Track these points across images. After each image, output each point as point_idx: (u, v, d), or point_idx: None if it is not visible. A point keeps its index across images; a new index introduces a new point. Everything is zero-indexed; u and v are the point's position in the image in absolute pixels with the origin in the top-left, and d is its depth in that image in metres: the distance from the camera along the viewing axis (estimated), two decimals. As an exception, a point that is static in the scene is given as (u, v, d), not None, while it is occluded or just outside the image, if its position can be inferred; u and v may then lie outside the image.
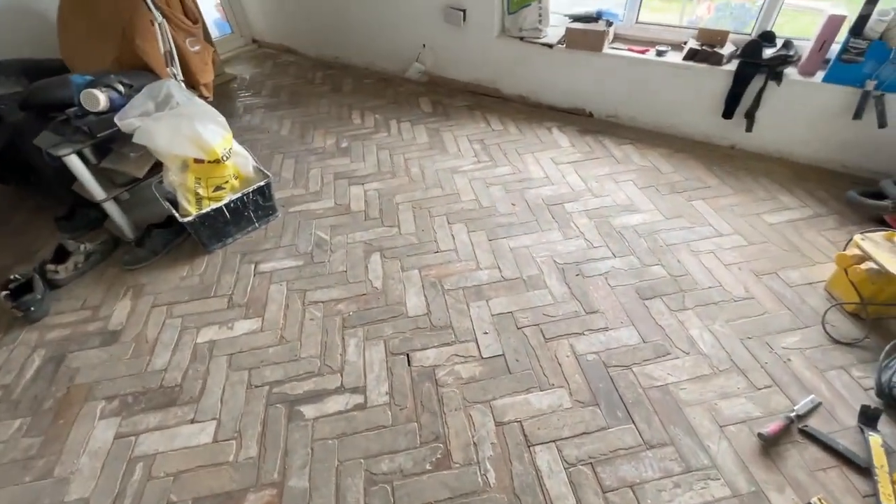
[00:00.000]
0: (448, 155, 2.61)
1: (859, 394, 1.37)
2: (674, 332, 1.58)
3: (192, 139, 1.91)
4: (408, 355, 1.59)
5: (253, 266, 2.00)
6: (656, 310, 1.66)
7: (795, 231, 1.93)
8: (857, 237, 1.53)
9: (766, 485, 1.20)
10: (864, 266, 1.45)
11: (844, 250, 1.58)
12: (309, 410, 1.46)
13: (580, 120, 2.81)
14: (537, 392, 1.45)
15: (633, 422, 1.36)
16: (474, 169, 2.48)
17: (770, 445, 1.27)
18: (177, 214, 1.96)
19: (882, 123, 1.95)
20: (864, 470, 1.20)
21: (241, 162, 2.15)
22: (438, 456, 1.32)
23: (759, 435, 1.28)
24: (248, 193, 2.08)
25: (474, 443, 1.34)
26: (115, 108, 1.87)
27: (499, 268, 1.89)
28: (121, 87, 1.94)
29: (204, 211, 1.98)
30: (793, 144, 2.28)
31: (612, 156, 2.48)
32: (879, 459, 1.19)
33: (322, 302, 1.81)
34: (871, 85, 1.94)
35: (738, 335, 1.56)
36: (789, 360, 1.47)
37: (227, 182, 2.07)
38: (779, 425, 1.27)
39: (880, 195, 1.93)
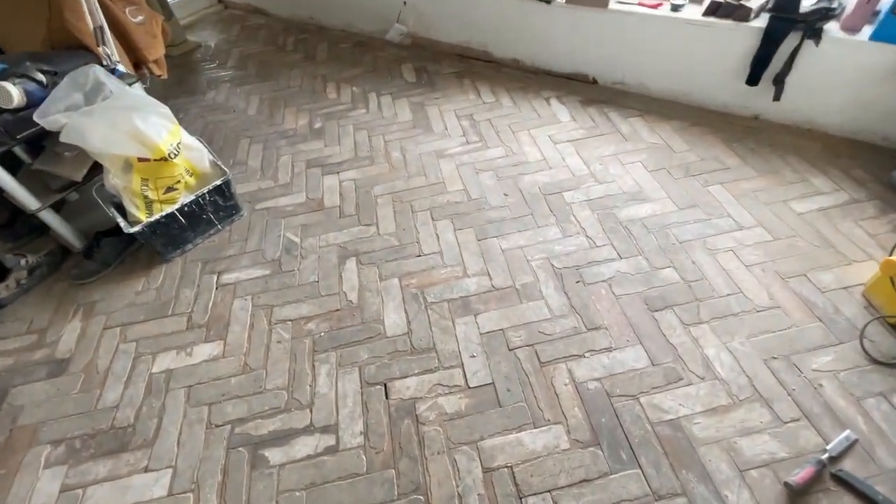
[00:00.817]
0: (433, 135, 2.33)
1: (902, 428, 1.19)
2: (687, 351, 1.39)
3: (131, 135, 1.64)
4: (385, 385, 1.41)
5: (215, 277, 1.79)
6: (667, 324, 1.46)
7: (828, 221, 1.69)
8: (909, 240, 1.29)
9: (793, 545, 1.04)
10: (916, 277, 1.23)
11: (892, 254, 1.34)
12: (275, 455, 1.30)
13: (582, 88, 2.48)
14: (531, 430, 1.28)
15: (640, 465, 1.19)
16: (462, 152, 2.20)
17: (798, 496, 1.10)
18: (123, 223, 1.73)
19: (938, 90, 1.65)
20: (909, 527, 1.03)
21: (194, 157, 1.89)
22: (418, 511, 1.17)
23: (786, 484, 1.11)
24: (205, 195, 1.84)
25: (459, 494, 1.18)
26: (34, 102, 1.60)
27: (489, 274, 1.67)
28: (41, 77, 1.65)
29: (155, 218, 1.74)
30: (827, 114, 1.98)
31: (618, 131, 2.19)
32: (928, 517, 1.02)
33: (291, 320, 1.62)
34: (929, 43, 1.62)
35: (761, 354, 1.36)
36: (821, 385, 1.28)
37: (179, 182, 1.82)
38: (809, 472, 1.10)
39: (928, 175, 1.67)
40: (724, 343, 1.40)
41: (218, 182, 1.86)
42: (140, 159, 1.70)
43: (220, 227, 1.97)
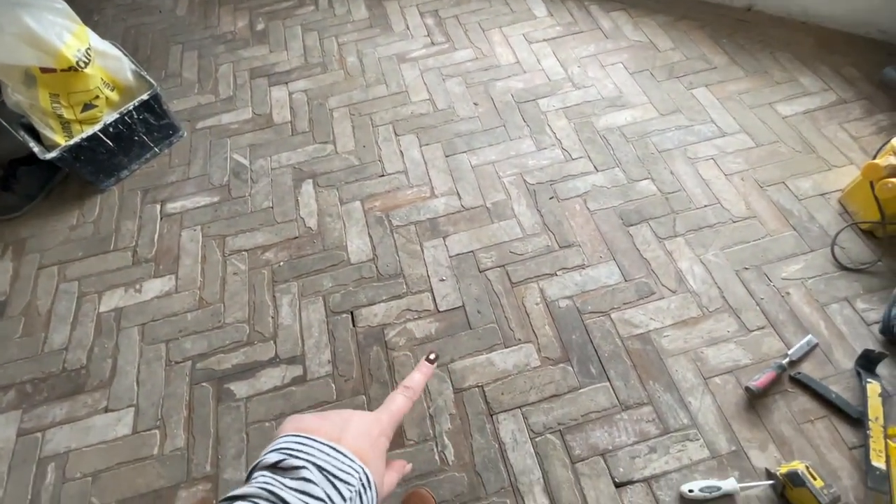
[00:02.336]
0: (393, 35, 2.05)
1: (862, 330, 1.22)
2: (660, 266, 1.36)
3: (23, 38, 1.37)
4: (352, 313, 1.35)
5: (158, 207, 1.63)
6: (642, 239, 1.41)
7: (813, 124, 1.60)
8: (895, 142, 1.23)
9: (747, 443, 1.10)
10: (898, 180, 1.18)
11: (876, 157, 1.28)
12: (240, 388, 1.26)
13: (561, -24, 2.18)
14: (501, 350, 1.26)
15: (609, 379, 1.20)
16: (427, 55, 1.96)
17: (757, 398, 1.14)
18: (38, 149, 1.50)
19: (949, -30, 1.49)
20: (856, 420, 1.09)
21: (112, 66, 1.62)
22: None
23: (747, 388, 1.14)
24: (131, 112, 1.60)
25: (430, 415, 1.19)
26: None
27: (458, 193, 1.56)
28: None
29: (75, 141, 1.52)
30: (824, 4, 1.80)
31: (599, 28, 1.97)
32: (875, 411, 1.07)
33: (246, 250, 1.50)
34: (950, -89, 1.42)
35: (734, 265, 1.34)
36: (788, 293, 1.29)
37: (98, 97, 1.57)
38: (769, 376, 1.13)
39: (921, 71, 1.56)
40: (698, 256, 1.37)
41: (145, 96, 1.61)
42: (43, 70, 1.44)
43: (157, 150, 1.75)
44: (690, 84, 1.75)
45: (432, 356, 0.46)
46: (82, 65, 1.47)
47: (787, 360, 1.16)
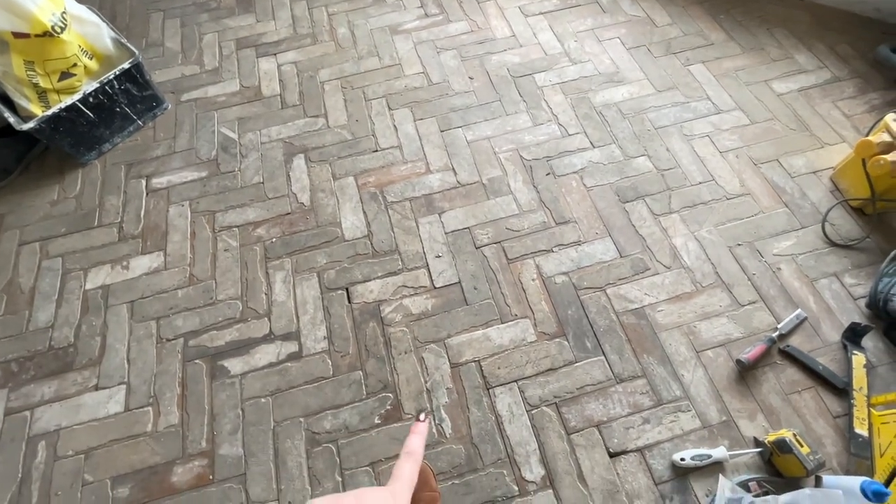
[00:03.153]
0: (385, 6, 1.98)
1: (849, 304, 1.25)
2: (656, 242, 1.36)
3: (-7, 1, 1.29)
4: (347, 290, 1.34)
5: (144, 182, 1.57)
6: (637, 215, 1.41)
7: (807, 102, 1.60)
8: (890, 118, 1.23)
9: (737, 413, 1.13)
10: (891, 157, 1.19)
11: (869, 134, 1.29)
12: (235, 365, 1.25)
13: (557, -53, 2.12)
14: (498, 325, 1.26)
15: (604, 353, 1.21)
16: (420, 27, 1.90)
17: (748, 370, 1.16)
18: (13, 119, 1.43)
19: (947, -54, 1.48)
20: (841, 391, 1.12)
21: (90, 33, 1.54)
22: (388, 407, 1.17)
23: (738, 361, 1.16)
24: (112, 81, 1.53)
25: (427, 389, 1.19)
26: None
27: (453, 169, 1.54)
28: None
29: (53, 111, 1.45)
30: (822, -21, 1.79)
31: (596, 1, 1.93)
32: (859, 381, 1.10)
33: (237, 226, 1.47)
34: None
35: (728, 242, 1.35)
36: (779, 268, 1.31)
37: (76, 65, 1.49)
38: (759, 349, 1.16)
39: (914, 50, 1.57)
40: (692, 232, 1.37)
41: (126, 65, 1.54)
42: (16, 35, 1.36)
43: (140, 122, 1.68)
44: (687, 60, 1.73)
45: (422, 416, 0.47)
46: (58, 30, 1.40)
47: (777, 333, 1.19)
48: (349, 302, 1.32)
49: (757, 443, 1.08)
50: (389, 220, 1.45)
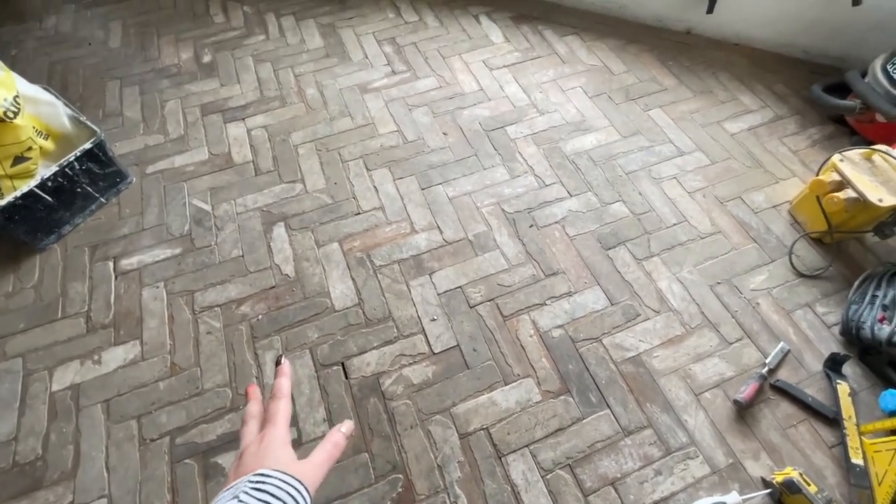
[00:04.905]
0: (352, 65, 2.01)
1: (824, 333, 1.33)
2: (642, 287, 1.41)
3: (-63, 91, 1.20)
4: (343, 365, 1.30)
5: (111, 264, 1.48)
6: (621, 261, 1.46)
7: (757, 141, 1.73)
8: (836, 159, 1.35)
9: (742, 454, 1.16)
10: (842, 195, 1.30)
11: (819, 173, 1.41)
12: (230, 460, 1.17)
13: (513, 2, 2.24)
14: (502, 387, 1.26)
15: (609, 406, 1.22)
16: (390, 84, 1.93)
17: (745, 409, 1.20)
18: (-39, 211, 1.32)
19: (857, 0, 1.67)
20: (832, 420, 1.18)
21: (45, 113, 1.47)
22: (399, 490, 1.13)
23: (735, 401, 1.20)
24: (72, 163, 1.45)
25: (438, 465, 1.16)
26: None
27: (438, 227, 1.54)
28: None
29: (7, 200, 1.35)
30: (754, 28, 1.97)
31: (555, 53, 2.03)
32: (847, 410, 1.17)
33: (219, 306, 1.40)
34: (855, -51, 1.61)
35: (708, 281, 1.42)
36: (758, 303, 1.38)
37: (30, 149, 1.41)
38: (753, 387, 1.20)
39: (843, 87, 1.74)
40: (674, 274, 1.43)
41: (88, 145, 1.46)
42: (-37, 123, 1.27)
43: (103, 199, 1.60)
44: (646, 106, 1.84)
45: (282, 360, 0.51)
46: (10, 115, 1.32)
47: (766, 368, 1.24)
48: (346, 378, 1.28)
49: (766, 483, 1.11)
50: (379, 285, 1.43)
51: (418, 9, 2.22)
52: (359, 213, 1.58)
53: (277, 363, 0.50)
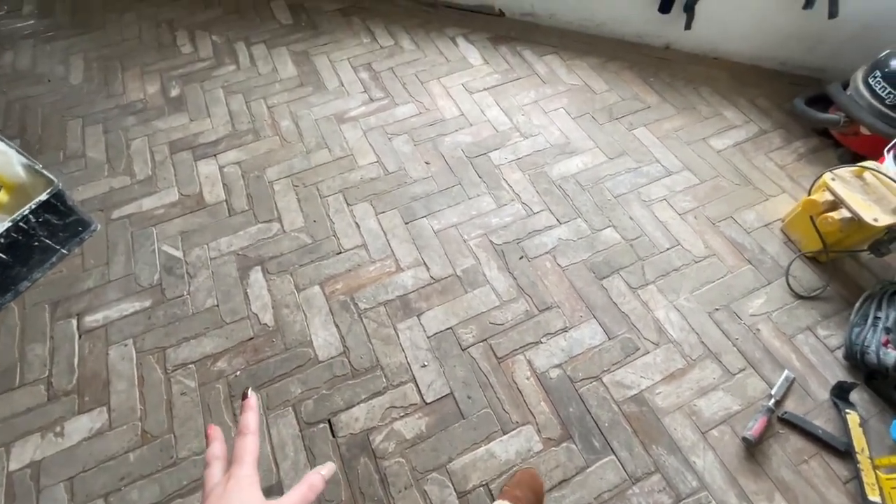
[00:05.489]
0: (328, 93, 1.94)
1: (828, 357, 1.29)
2: (639, 318, 1.36)
3: None
4: (329, 422, 1.21)
5: (75, 322, 1.38)
6: (616, 291, 1.41)
7: (744, 157, 1.71)
8: (827, 177, 1.33)
9: (755, 496, 1.10)
10: (837, 216, 1.27)
11: (810, 192, 1.38)
12: (209, 539, 1.07)
13: (490, 22, 2.20)
14: (500, 438, 1.18)
15: (613, 451, 1.16)
16: (367, 112, 1.87)
17: (755, 447, 1.15)
18: None
19: (833, 13, 1.67)
20: (844, 453, 1.13)
21: (-4, 163, 1.36)
22: (396, 561, 1.04)
23: (744, 440, 1.15)
24: (27, 217, 1.35)
25: (437, 529, 1.08)
26: None
27: (425, 264, 1.47)
28: None
29: (-47, 260, 1.25)
30: (732, 42, 1.96)
31: (535, 73, 2.00)
32: (859, 442, 1.12)
33: (193, 362, 1.30)
34: (828, -37, 1.60)
35: (706, 307, 1.37)
36: (758, 329, 1.34)
37: (-20, 203, 1.30)
38: (762, 423, 1.15)
39: (825, 98, 1.73)
40: (671, 302, 1.38)
41: (44, 196, 1.37)
42: None
43: (64, 251, 1.49)
44: (630, 125, 1.81)
45: (249, 393, 0.45)
46: (-44, 170, 1.22)
47: (773, 400, 1.20)
48: (333, 436, 1.19)
49: (782, 528, 1.05)
50: (365, 330, 1.35)
51: (393, 32, 2.16)
52: (340, 253, 1.50)
53: (244, 396, 0.45)
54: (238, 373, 1.28)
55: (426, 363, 1.29)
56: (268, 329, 1.36)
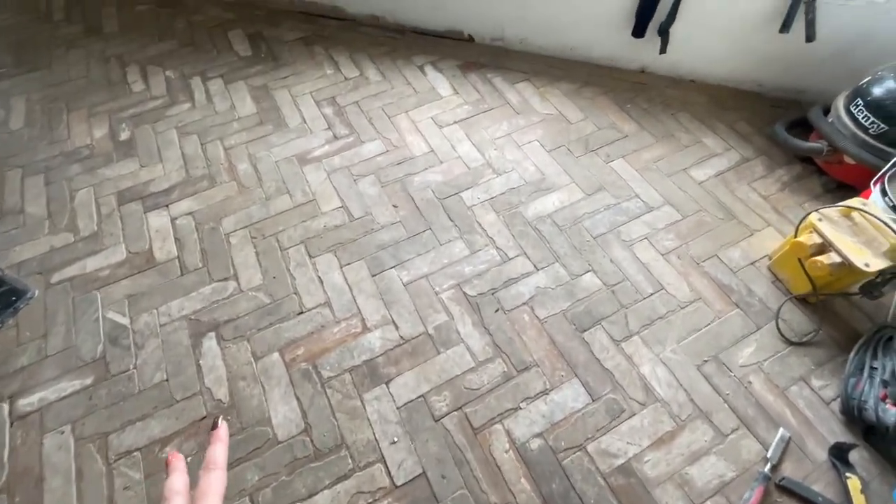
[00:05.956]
0: (289, 131, 1.83)
1: (823, 412, 1.21)
2: (624, 375, 1.27)
3: None
4: (290, 514, 1.10)
5: (6, 407, 1.24)
6: (599, 345, 1.32)
7: (726, 188, 1.64)
8: (814, 218, 1.25)
9: (756, 578, 1.01)
10: (826, 260, 1.20)
11: (798, 233, 1.30)
12: None
13: (458, 48, 2.11)
14: (478, 523, 1.08)
15: (601, 532, 1.07)
16: (331, 152, 1.76)
17: (752, 520, 1.07)
18: None
19: (810, 36, 1.61)
20: (847, 523, 1.05)
21: None
22: None
23: (741, 513, 1.06)
24: (-55, 294, 1.21)
25: None
26: None
27: (394, 322, 1.37)
28: None
29: None
30: (708, 64, 1.90)
31: (507, 103, 1.91)
32: (863, 511, 1.04)
33: (139, 449, 1.18)
34: (803, -14, 1.54)
35: (693, 359, 1.29)
36: (750, 382, 1.26)
37: None
38: (758, 493, 1.07)
39: (806, 122, 1.67)
40: (657, 355, 1.30)
41: (-36, 271, 1.23)
42: None
43: (-4, 324, 1.36)
44: (608, 157, 1.73)
45: (219, 422, 0.42)
46: None
47: (769, 465, 1.12)
48: (295, 531, 1.08)
49: None
50: (329, 403, 1.24)
51: (358, 62, 2.06)
52: (302, 313, 1.39)
53: (213, 426, 0.41)
54: (189, 459, 1.16)
55: (396, 439, 1.18)
56: (222, 405, 1.24)
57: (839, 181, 1.60)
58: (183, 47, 2.15)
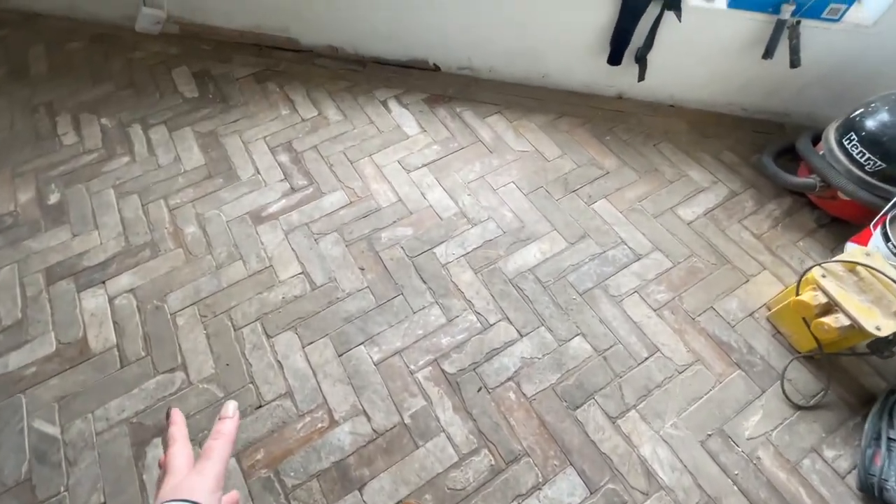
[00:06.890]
0: (241, 184, 1.66)
1: (840, 488, 1.11)
2: (623, 460, 1.15)
3: None
4: None
5: None
6: (594, 425, 1.19)
7: (717, 227, 1.54)
8: (817, 274, 1.15)
9: None
10: (834, 323, 1.09)
11: (799, 290, 1.20)
12: None
13: (424, 79, 1.96)
14: None
15: None
16: (289, 206, 1.60)
17: None
18: None
19: (795, 62, 1.51)
20: None
21: None
22: None
23: None
24: None
25: None
26: None
27: (364, 412, 1.22)
28: None
29: None
30: (688, 90, 1.80)
31: (479, 140, 1.77)
32: None
33: None
34: (787, 10, 1.44)
35: (697, 435, 1.18)
36: (759, 458, 1.15)
37: None
38: None
39: (792, 149, 1.59)
40: (656, 432, 1.18)
41: None
42: None
43: None
44: (590, 198, 1.61)
45: (231, 410, 0.44)
46: None
47: (787, 560, 1.01)
48: None
49: None
50: (295, 519, 1.08)
51: (316, 100, 1.90)
52: (260, 406, 1.23)
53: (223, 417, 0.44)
54: None
55: (372, 559, 1.04)
56: (169, 533, 1.07)
57: (833, 216, 1.51)
58: (121, 90, 1.95)
